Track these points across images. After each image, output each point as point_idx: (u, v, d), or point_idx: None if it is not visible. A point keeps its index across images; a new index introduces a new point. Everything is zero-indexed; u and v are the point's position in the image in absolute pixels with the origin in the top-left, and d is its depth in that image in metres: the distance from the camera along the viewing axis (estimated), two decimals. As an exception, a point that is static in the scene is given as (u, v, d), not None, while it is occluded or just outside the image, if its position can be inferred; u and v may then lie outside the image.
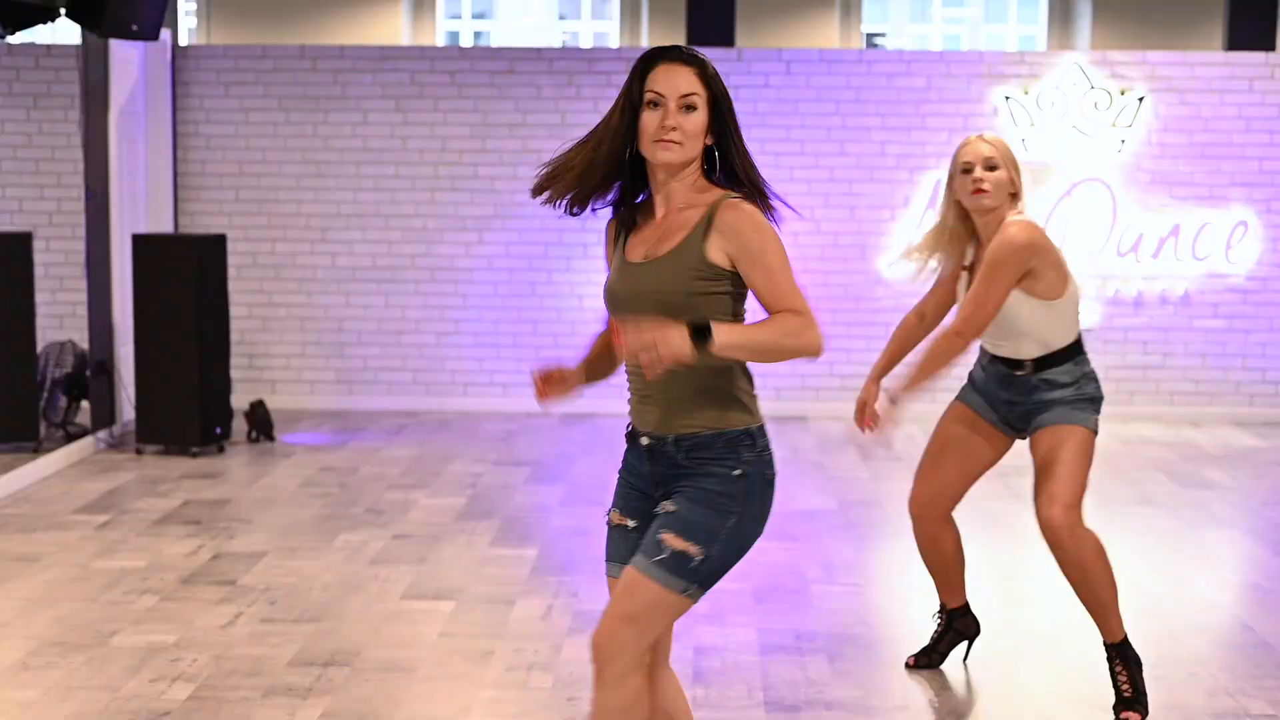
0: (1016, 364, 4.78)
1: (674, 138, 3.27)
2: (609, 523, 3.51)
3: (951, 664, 5.16)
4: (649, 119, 3.29)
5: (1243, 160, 10.02)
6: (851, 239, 10.13)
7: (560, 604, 5.86)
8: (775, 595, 6.01)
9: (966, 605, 5.14)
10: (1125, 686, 4.68)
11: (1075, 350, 4.76)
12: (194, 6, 14.29)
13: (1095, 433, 4.73)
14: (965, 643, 5.18)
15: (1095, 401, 4.73)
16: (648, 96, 3.29)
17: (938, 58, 10.23)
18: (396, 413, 10.18)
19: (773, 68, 10.05)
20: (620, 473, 3.51)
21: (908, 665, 5.12)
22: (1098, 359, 10.05)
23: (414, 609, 5.78)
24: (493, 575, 6.26)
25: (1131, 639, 4.86)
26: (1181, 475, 8.41)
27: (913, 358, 4.85)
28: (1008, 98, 9.98)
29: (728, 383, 3.34)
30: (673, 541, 3.27)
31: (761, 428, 3.38)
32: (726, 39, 10.31)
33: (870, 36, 16.50)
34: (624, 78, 10.83)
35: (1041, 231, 4.66)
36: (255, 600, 5.86)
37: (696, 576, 3.28)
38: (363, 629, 5.53)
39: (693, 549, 3.27)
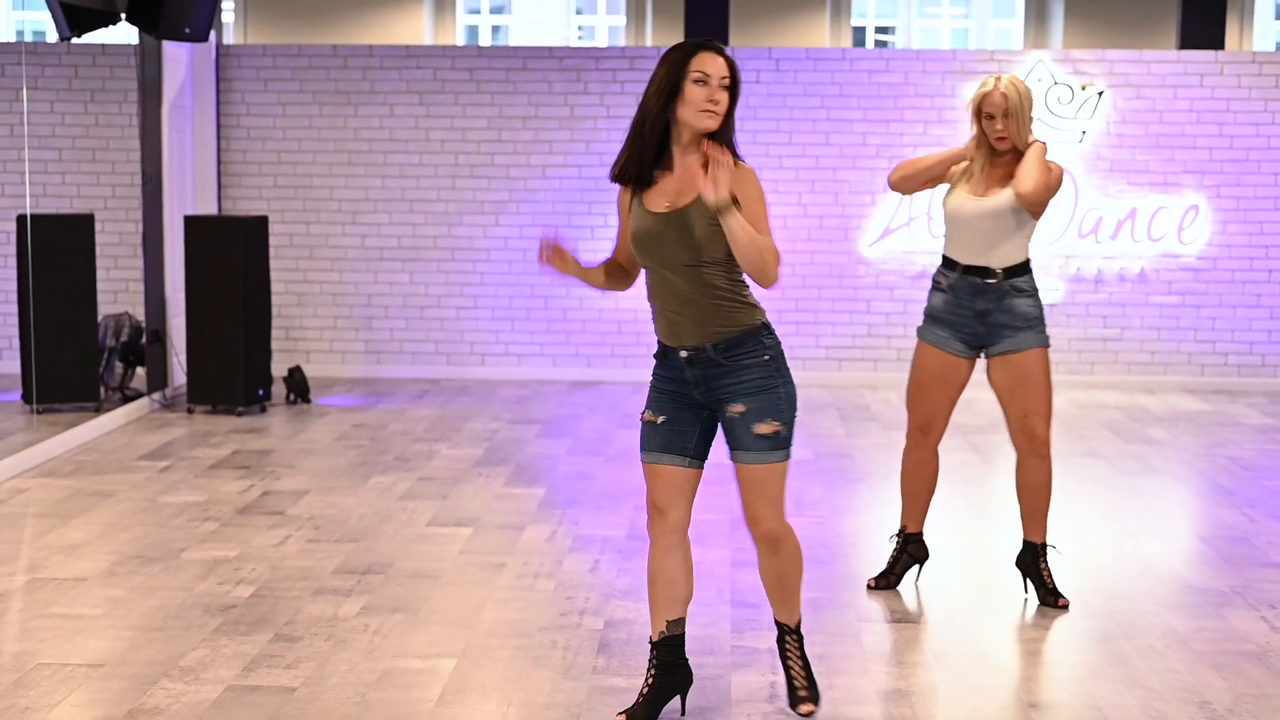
0: (989, 273, 5.64)
1: (716, 109, 4.26)
2: (644, 420, 4.49)
3: (904, 584, 6.07)
4: (696, 92, 4.24)
5: (1194, 150, 10.93)
6: (836, 222, 11.06)
7: (563, 530, 6.81)
8: (749, 524, 6.96)
9: (921, 534, 6.04)
10: (1050, 580, 5.76)
11: (1029, 266, 5.72)
12: (233, 6, 15.23)
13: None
14: (917, 566, 6.08)
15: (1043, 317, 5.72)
16: (694, 75, 4.24)
17: (915, 55, 11.15)
18: (420, 380, 11.14)
19: (763, 65, 10.99)
20: (653, 382, 4.51)
21: (869, 587, 6.02)
22: (1060, 332, 11.01)
23: (438, 533, 6.74)
24: (506, 508, 7.22)
25: (1057, 560, 5.92)
26: (1127, 433, 9.33)
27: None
28: (979, 92, 10.88)
29: (737, 294, 4.35)
30: (761, 429, 4.32)
31: (767, 320, 4.42)
32: (721, 38, 11.23)
33: (879, 31, 17.34)
34: (628, 74, 11.83)
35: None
36: (302, 526, 6.83)
37: (786, 442, 4.38)
38: (394, 547, 6.49)
39: (775, 426, 4.34)
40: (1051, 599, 5.74)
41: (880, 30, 17.34)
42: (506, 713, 4.61)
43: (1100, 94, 10.85)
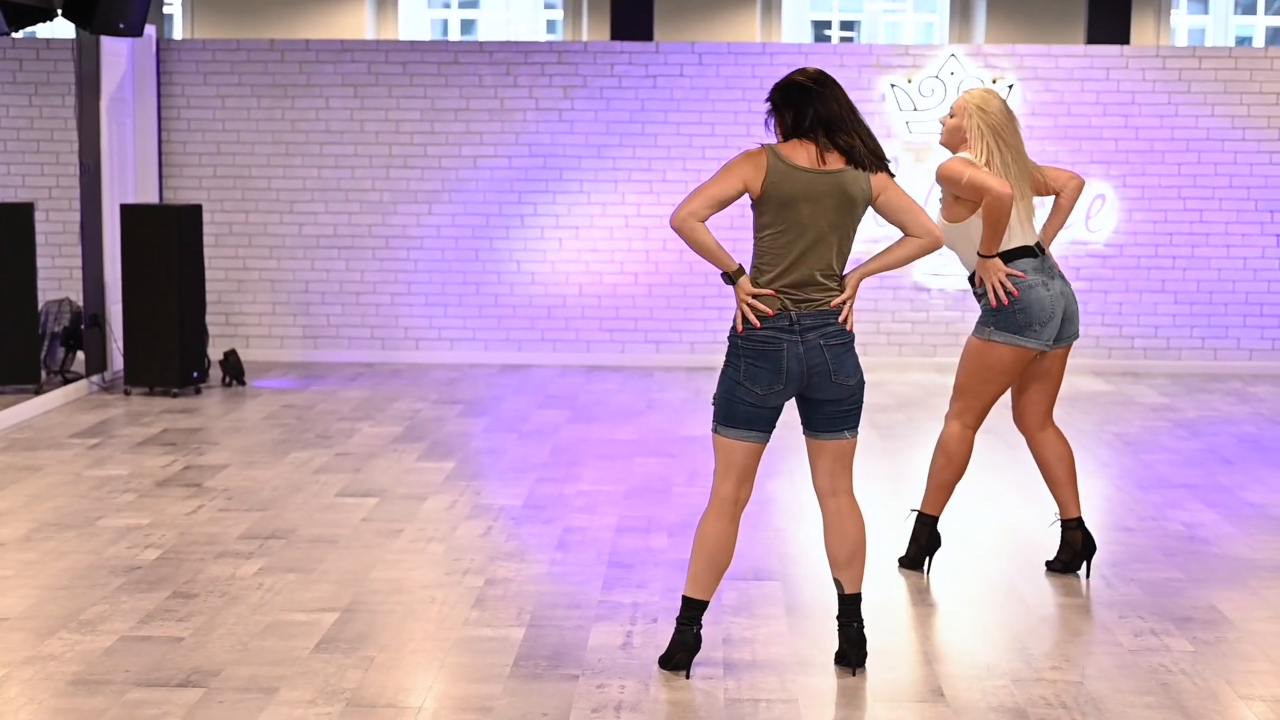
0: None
1: None
2: None
3: (779, 546, 6.47)
4: None
5: (1100, 140, 11.34)
6: (757, 210, 11.43)
7: (464, 500, 7.20)
8: (642, 494, 7.36)
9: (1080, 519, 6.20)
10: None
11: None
12: (179, 1, 15.57)
13: None
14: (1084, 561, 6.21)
15: None
16: None
17: (832, 50, 11.56)
18: (355, 364, 11.53)
19: (687, 59, 11.38)
20: None
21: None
22: (971, 317, 11.41)
23: (344, 503, 7.12)
24: (413, 480, 7.60)
25: (943, 519, 6.28)
26: (1024, 412, 9.73)
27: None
28: (893, 85, 11.30)
29: None
30: None
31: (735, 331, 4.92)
32: (644, 33, 11.63)
33: (844, 25, 17.66)
34: (556, 68, 12.17)
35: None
36: (216, 497, 7.21)
37: (715, 417, 5.12)
38: (300, 515, 6.87)
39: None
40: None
41: (845, 25, 17.68)
42: (375, 658, 5.00)
43: (1010, 87, 11.26)
